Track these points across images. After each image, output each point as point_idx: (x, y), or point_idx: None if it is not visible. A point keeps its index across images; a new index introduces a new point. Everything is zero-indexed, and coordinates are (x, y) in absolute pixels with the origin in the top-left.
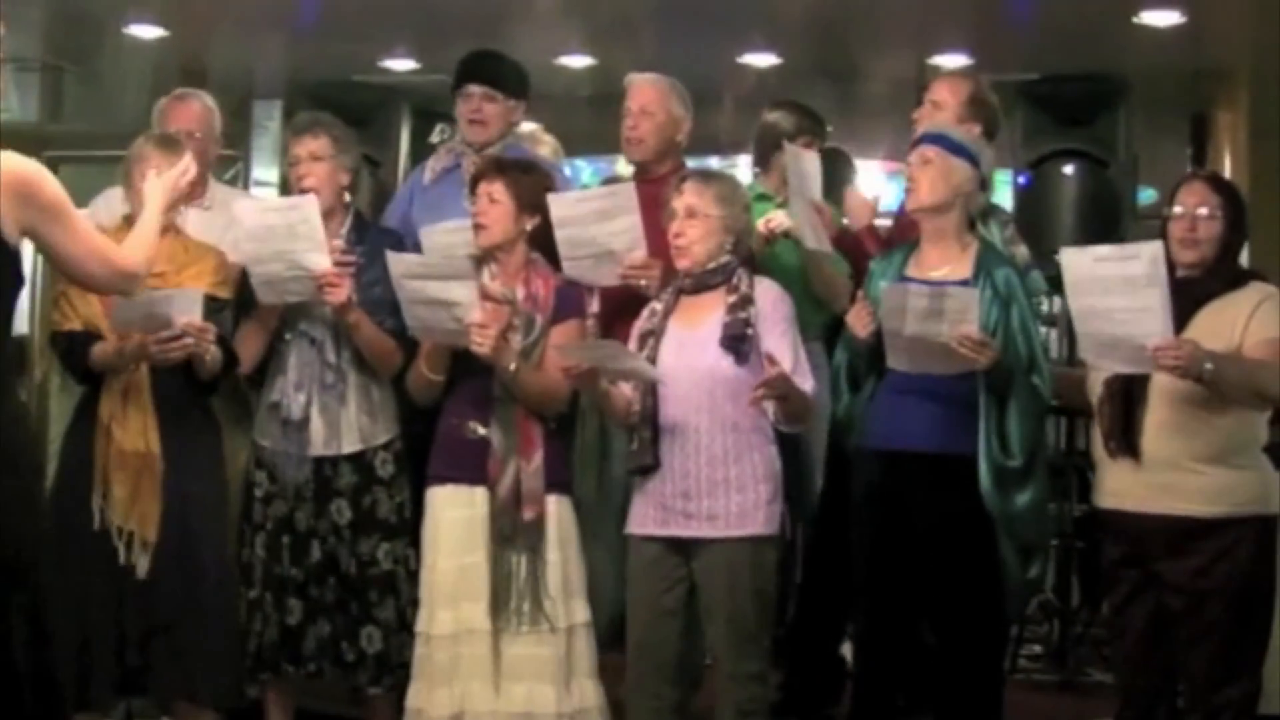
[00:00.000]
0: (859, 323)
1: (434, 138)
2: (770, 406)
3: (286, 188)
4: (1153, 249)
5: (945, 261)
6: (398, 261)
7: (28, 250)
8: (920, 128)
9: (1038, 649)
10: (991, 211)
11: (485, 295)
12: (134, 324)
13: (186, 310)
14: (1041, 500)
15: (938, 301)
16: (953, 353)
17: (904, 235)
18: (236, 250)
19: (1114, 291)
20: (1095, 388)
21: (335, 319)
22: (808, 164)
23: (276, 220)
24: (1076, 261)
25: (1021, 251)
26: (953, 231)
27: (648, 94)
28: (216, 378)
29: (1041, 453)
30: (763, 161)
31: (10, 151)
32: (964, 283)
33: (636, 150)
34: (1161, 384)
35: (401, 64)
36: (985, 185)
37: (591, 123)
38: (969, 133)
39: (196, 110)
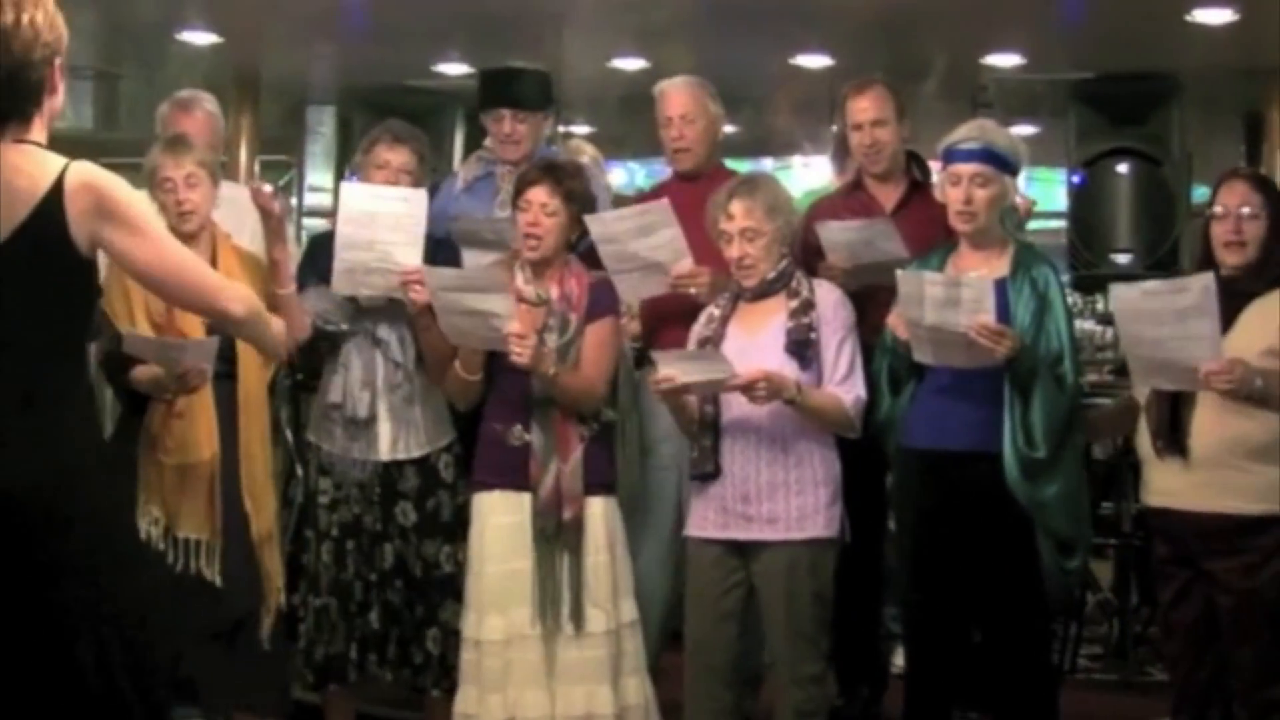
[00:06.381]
0: (899, 324)
1: (488, 142)
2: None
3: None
4: (1203, 281)
5: (984, 263)
6: (434, 275)
7: None
8: (956, 137)
9: (1097, 648)
10: None
11: (519, 297)
12: (145, 354)
13: (199, 357)
14: (1072, 492)
15: (953, 290)
16: (972, 343)
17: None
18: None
19: (1165, 322)
20: (1142, 390)
21: (410, 320)
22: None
23: (383, 208)
24: (1126, 295)
25: None
26: (992, 234)
27: (685, 100)
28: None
29: (1071, 445)
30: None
31: (82, 161)
32: (1002, 282)
33: (686, 159)
34: None
35: (454, 68)
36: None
37: (645, 125)
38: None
39: (200, 120)
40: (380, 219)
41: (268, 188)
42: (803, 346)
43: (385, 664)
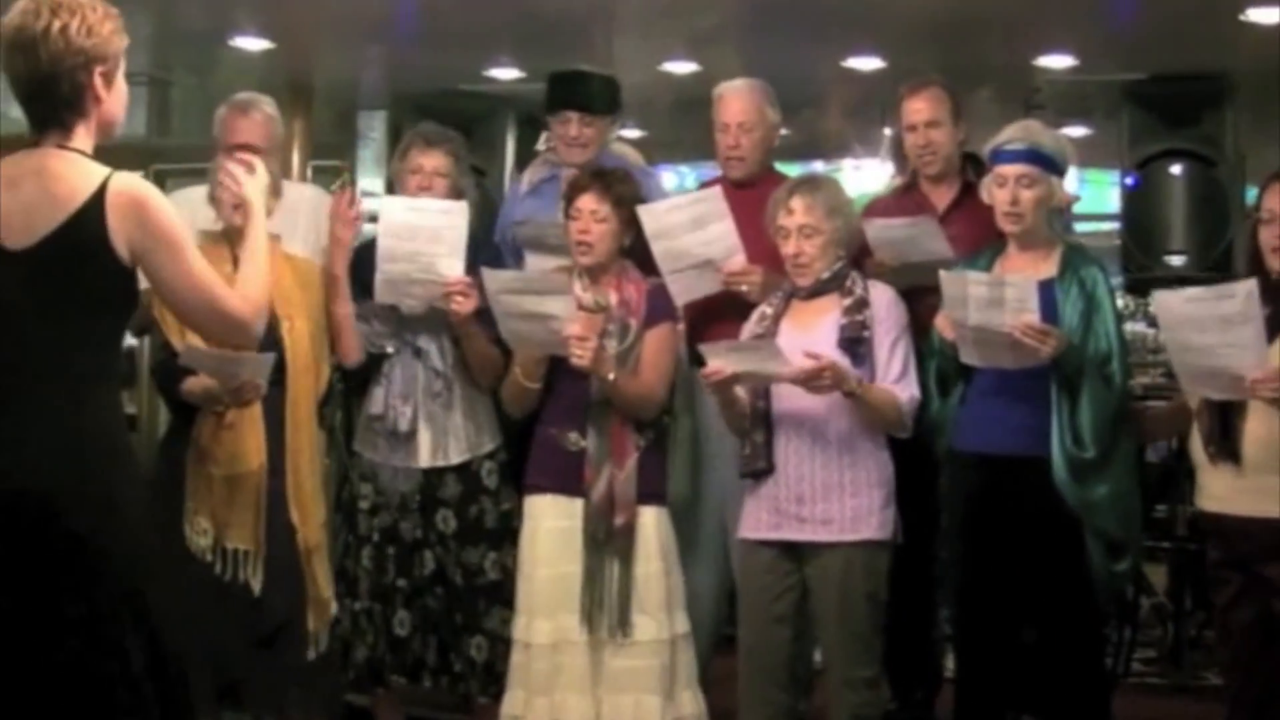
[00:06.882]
0: (945, 325)
1: (540, 145)
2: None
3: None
4: (1247, 287)
5: (1032, 264)
6: (493, 278)
7: None
8: (1002, 139)
9: (1152, 653)
10: None
11: (578, 304)
12: (203, 367)
13: (256, 372)
14: (1122, 493)
15: (997, 290)
16: (1018, 344)
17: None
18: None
19: (1209, 329)
20: (1193, 396)
21: (452, 329)
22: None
23: (424, 221)
24: (1169, 302)
25: None
26: (1039, 235)
27: (744, 106)
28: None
29: (1122, 446)
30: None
31: (127, 172)
32: (1050, 283)
33: (739, 168)
34: None
35: (506, 73)
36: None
37: (696, 129)
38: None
39: (259, 122)
40: (421, 231)
41: (355, 204)
42: (855, 343)
43: (425, 670)
